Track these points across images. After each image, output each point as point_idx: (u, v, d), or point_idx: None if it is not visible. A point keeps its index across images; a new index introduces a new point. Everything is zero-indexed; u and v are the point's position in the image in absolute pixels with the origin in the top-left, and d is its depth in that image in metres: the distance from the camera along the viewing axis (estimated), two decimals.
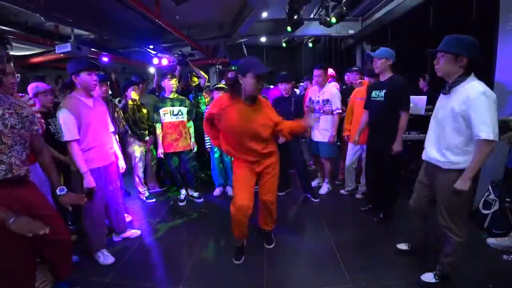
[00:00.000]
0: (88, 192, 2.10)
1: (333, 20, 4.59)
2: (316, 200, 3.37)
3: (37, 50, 6.06)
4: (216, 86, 3.51)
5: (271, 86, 5.01)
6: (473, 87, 1.59)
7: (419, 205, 2.04)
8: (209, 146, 3.55)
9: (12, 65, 1.91)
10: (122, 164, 2.57)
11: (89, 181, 2.09)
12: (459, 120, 1.63)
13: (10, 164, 1.39)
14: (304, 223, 2.94)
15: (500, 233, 2.38)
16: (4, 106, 1.39)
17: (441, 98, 1.80)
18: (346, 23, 5.70)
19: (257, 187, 2.25)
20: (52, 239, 1.52)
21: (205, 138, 3.52)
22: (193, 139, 3.34)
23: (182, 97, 3.37)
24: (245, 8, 5.10)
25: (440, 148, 1.75)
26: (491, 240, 2.32)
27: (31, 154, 1.58)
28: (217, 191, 3.65)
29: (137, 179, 3.50)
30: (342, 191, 3.53)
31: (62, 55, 4.73)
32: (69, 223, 2.71)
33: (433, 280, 1.88)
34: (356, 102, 3.25)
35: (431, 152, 1.82)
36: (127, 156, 3.40)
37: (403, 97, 2.51)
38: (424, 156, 1.93)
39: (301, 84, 5.72)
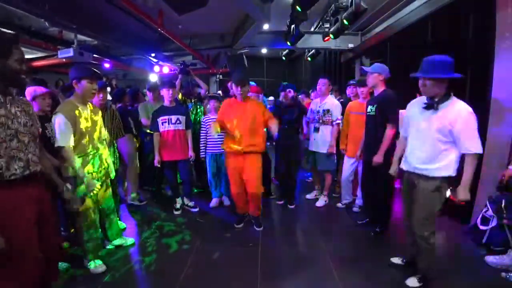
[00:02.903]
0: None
1: (332, 35, 4.67)
2: (292, 206, 3.53)
3: (39, 54, 6.11)
4: (211, 96, 3.64)
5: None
6: (461, 107, 1.78)
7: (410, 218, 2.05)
8: (204, 156, 3.53)
9: None
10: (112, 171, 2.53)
11: (91, 184, 2.07)
12: (446, 134, 1.79)
13: (28, 161, 1.43)
14: (300, 236, 2.91)
15: (499, 250, 2.36)
16: (15, 105, 1.42)
17: (421, 111, 1.91)
18: (346, 37, 5.79)
19: None
20: (45, 241, 1.52)
21: (201, 148, 3.51)
22: (191, 148, 3.32)
23: (181, 105, 3.38)
24: (247, 20, 5.19)
25: (424, 157, 1.88)
26: (490, 259, 2.28)
27: None
28: (213, 202, 3.60)
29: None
30: (339, 204, 3.50)
31: (64, 60, 4.76)
32: (62, 229, 2.66)
33: (417, 284, 1.99)
34: (350, 116, 3.28)
35: (414, 161, 1.94)
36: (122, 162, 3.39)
37: (389, 111, 2.54)
38: (406, 167, 2.02)
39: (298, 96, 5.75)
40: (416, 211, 1.94)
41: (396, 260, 2.28)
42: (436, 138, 1.82)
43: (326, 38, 5.08)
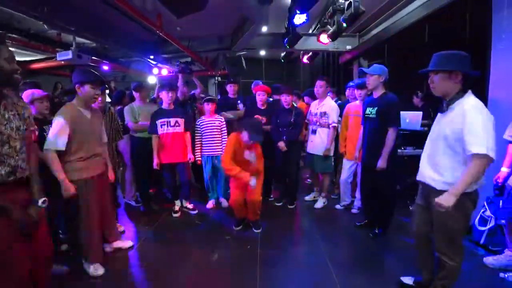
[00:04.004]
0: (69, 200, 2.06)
1: (330, 39, 4.66)
2: (292, 206, 3.57)
3: (38, 57, 6.11)
4: (207, 98, 3.57)
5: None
6: (469, 102, 1.56)
7: (421, 229, 1.88)
8: (199, 158, 3.51)
9: None
10: (111, 174, 2.53)
11: (68, 188, 2.01)
12: (454, 138, 1.56)
13: (16, 167, 1.38)
14: (299, 238, 2.91)
15: (497, 250, 2.37)
16: (8, 109, 1.39)
17: (438, 117, 1.76)
18: (344, 38, 5.80)
19: None
20: (36, 245, 1.49)
21: (196, 150, 3.49)
22: (190, 151, 3.32)
23: (180, 108, 3.38)
24: (245, 22, 5.20)
25: (434, 167, 1.68)
26: (488, 260, 2.29)
27: None
28: (210, 204, 3.61)
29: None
30: (338, 206, 3.50)
31: (62, 62, 4.76)
32: (60, 231, 2.66)
33: None
34: (349, 119, 3.28)
35: (425, 172, 1.74)
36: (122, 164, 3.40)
37: (391, 114, 2.53)
38: (418, 177, 1.84)
39: None
40: (436, 230, 1.72)
41: (406, 280, 2.03)
42: (446, 144, 1.60)
43: (325, 42, 5.07)
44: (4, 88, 1.40)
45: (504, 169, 2.23)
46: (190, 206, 3.46)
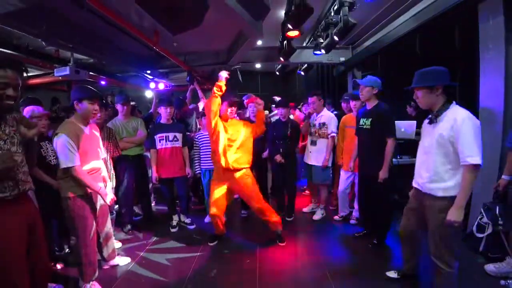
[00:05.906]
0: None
1: (323, 51, 4.78)
2: (290, 218, 3.53)
3: (36, 72, 6.15)
4: (202, 111, 3.62)
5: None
6: (458, 113, 1.67)
7: (409, 231, 2.05)
8: (199, 172, 3.52)
9: None
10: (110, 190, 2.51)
11: (106, 195, 2.14)
12: (447, 146, 1.68)
13: (18, 181, 1.42)
14: (298, 249, 2.88)
15: (496, 257, 2.36)
16: (9, 124, 1.42)
17: (426, 127, 1.89)
18: (337, 50, 5.95)
19: None
20: (35, 257, 1.50)
21: (195, 164, 3.49)
22: (188, 165, 3.33)
23: (179, 123, 3.39)
24: (241, 37, 5.31)
25: (430, 175, 1.78)
26: (489, 268, 2.28)
27: None
28: (208, 218, 3.56)
29: None
30: (336, 217, 3.50)
31: (60, 77, 4.79)
32: (56, 249, 2.62)
33: None
34: (345, 130, 3.32)
35: (420, 179, 1.86)
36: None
37: (387, 125, 2.57)
38: (414, 184, 1.97)
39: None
40: (432, 234, 1.79)
41: (391, 274, 2.25)
42: (438, 153, 1.72)
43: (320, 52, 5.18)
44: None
45: (506, 177, 2.23)
46: (188, 220, 3.43)
